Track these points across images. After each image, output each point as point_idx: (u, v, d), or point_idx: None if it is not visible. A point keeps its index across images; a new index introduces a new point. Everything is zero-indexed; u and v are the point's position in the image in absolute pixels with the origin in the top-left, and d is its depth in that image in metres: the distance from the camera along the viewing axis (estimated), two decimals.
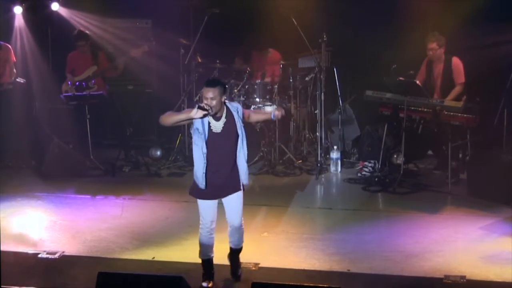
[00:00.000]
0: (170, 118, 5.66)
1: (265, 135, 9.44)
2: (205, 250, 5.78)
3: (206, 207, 5.68)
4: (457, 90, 8.70)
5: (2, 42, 9.68)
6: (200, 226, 5.75)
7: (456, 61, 8.74)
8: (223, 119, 5.57)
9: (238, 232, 5.80)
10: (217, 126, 5.56)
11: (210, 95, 5.43)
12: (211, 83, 5.50)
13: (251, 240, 6.66)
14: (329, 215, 7.76)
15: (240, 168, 5.65)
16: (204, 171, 5.57)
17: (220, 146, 5.56)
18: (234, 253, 5.92)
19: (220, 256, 6.15)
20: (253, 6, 9.93)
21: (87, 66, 9.81)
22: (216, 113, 5.50)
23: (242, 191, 5.71)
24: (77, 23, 10.34)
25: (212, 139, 5.54)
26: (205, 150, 5.54)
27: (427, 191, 8.47)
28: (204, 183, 5.59)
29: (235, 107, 5.67)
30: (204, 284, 5.74)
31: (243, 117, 5.69)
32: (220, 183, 5.61)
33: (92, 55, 9.85)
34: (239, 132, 5.59)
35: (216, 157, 5.57)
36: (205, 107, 5.40)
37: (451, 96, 8.64)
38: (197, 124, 5.55)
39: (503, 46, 9.04)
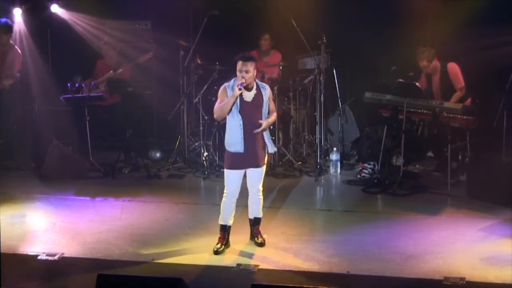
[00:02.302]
0: (222, 112, 6.39)
1: None
2: (226, 215, 6.54)
3: (233, 176, 6.48)
4: (457, 95, 8.68)
5: (16, 46, 9.68)
6: (224, 194, 6.54)
7: (452, 67, 8.72)
8: (253, 91, 6.45)
9: (256, 201, 6.64)
10: (248, 96, 6.41)
11: (246, 68, 6.29)
12: (247, 58, 6.35)
13: (251, 241, 6.69)
14: (328, 217, 7.76)
15: (266, 137, 6.48)
16: (243, 135, 6.36)
17: (251, 113, 6.38)
18: (254, 223, 6.73)
19: (221, 257, 6.32)
20: (253, 8, 9.93)
21: (106, 71, 9.84)
22: (248, 85, 6.34)
23: (264, 165, 6.56)
24: (77, 24, 10.35)
25: (244, 107, 6.39)
26: (239, 116, 6.35)
27: (426, 193, 8.47)
28: (242, 147, 6.37)
29: (263, 86, 6.54)
30: (217, 246, 6.47)
31: (268, 97, 6.50)
32: (255, 153, 6.42)
33: (115, 64, 9.88)
34: (264, 104, 6.44)
35: (250, 123, 6.38)
36: (241, 80, 6.26)
37: (452, 101, 8.63)
38: (230, 94, 6.34)
39: (503, 47, 9.04)
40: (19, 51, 9.71)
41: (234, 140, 6.41)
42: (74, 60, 10.29)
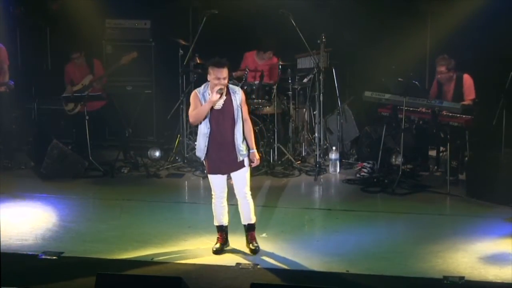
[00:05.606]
0: (196, 118, 6.19)
1: (264, 136, 9.44)
2: (219, 217, 6.44)
3: (216, 181, 6.34)
4: (465, 104, 8.65)
5: None
6: (212, 197, 6.42)
7: (467, 78, 8.71)
8: (223, 97, 6.14)
9: (246, 206, 6.38)
10: (218, 103, 6.14)
11: (224, 75, 6.05)
12: (222, 64, 6.08)
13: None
14: (328, 216, 7.76)
15: (237, 146, 6.20)
16: (206, 144, 6.19)
17: (221, 121, 6.17)
18: (247, 229, 6.48)
19: (221, 256, 6.33)
20: (252, 7, 9.92)
21: (83, 75, 9.79)
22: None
23: (246, 167, 6.29)
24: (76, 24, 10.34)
25: (213, 114, 6.15)
26: (208, 125, 6.16)
27: (426, 192, 8.47)
28: (204, 154, 6.22)
29: (234, 89, 6.25)
30: (216, 245, 6.44)
31: (240, 101, 6.22)
32: (226, 160, 6.22)
33: (87, 64, 9.84)
34: (235, 110, 6.16)
35: (218, 131, 6.18)
36: (219, 86, 6.03)
37: None
38: (202, 101, 6.17)
39: (503, 46, 9.05)
40: (1, 45, 9.51)
41: (198, 146, 6.32)
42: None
